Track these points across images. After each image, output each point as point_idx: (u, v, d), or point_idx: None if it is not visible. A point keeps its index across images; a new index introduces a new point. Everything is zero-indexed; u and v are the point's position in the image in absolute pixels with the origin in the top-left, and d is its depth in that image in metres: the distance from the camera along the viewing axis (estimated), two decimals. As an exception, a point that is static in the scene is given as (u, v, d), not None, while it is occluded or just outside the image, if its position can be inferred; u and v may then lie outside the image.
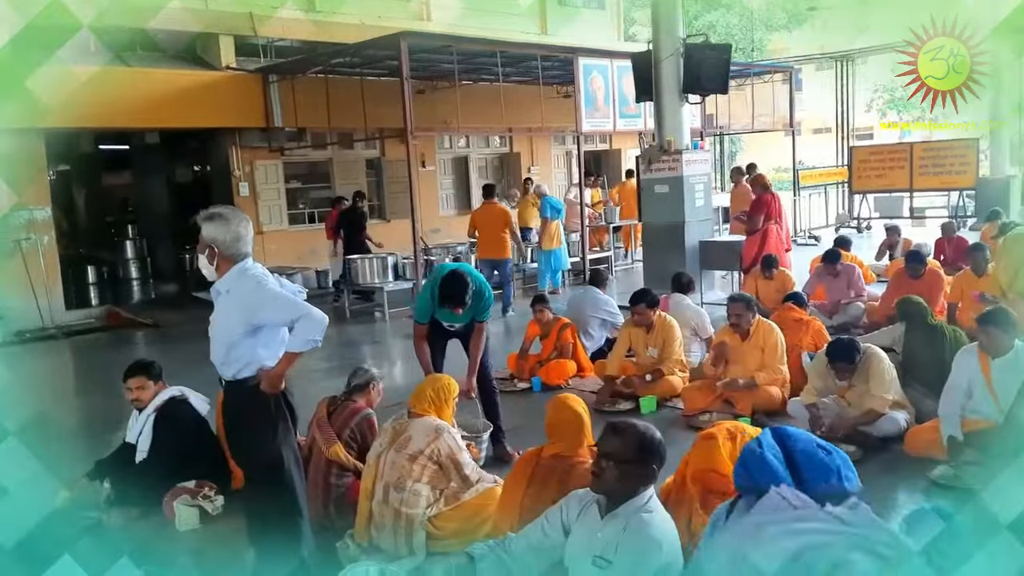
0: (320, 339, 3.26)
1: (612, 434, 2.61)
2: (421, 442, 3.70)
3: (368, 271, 10.76)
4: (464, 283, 4.68)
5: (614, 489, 2.59)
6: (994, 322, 4.28)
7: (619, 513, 2.58)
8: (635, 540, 2.51)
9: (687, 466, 2.95)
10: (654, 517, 2.58)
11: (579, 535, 2.67)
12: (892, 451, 4.69)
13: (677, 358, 6.08)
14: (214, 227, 3.21)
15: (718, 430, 2.97)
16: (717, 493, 2.87)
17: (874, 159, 17.72)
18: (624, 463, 2.56)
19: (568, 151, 17.52)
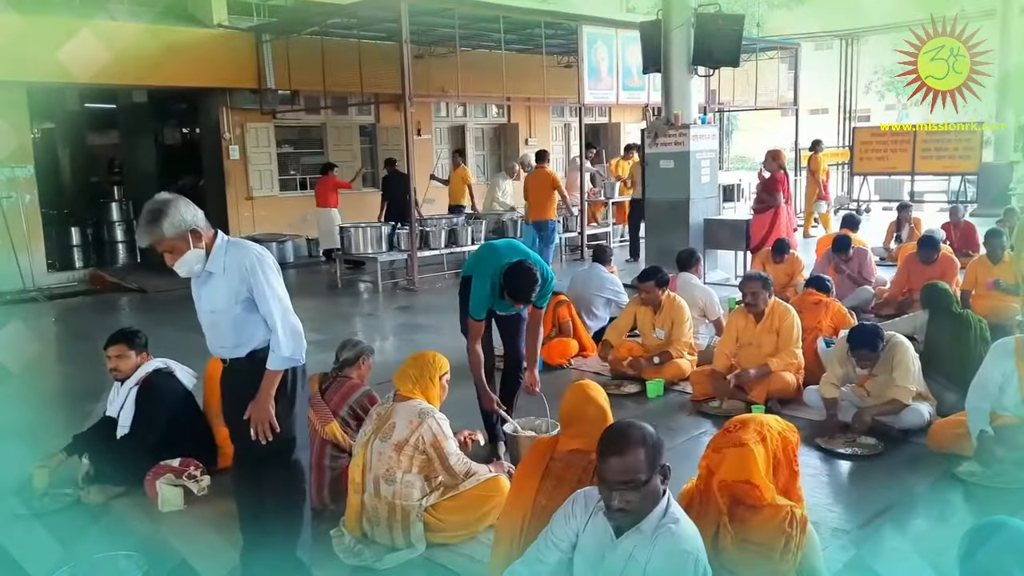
0: (301, 357, 3.04)
1: (620, 455, 2.20)
2: (404, 430, 3.40)
3: (361, 240, 10.46)
4: (533, 276, 4.17)
5: (643, 514, 2.26)
6: None
7: (643, 528, 2.26)
8: (669, 559, 2.20)
9: (711, 474, 2.67)
10: (681, 528, 2.27)
11: (590, 550, 2.36)
12: (915, 445, 4.48)
13: (686, 340, 5.85)
14: (174, 215, 2.87)
15: (747, 434, 2.68)
16: (747, 505, 2.61)
17: (876, 141, 17.47)
18: (644, 484, 2.21)
19: (567, 123, 17.17)
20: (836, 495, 4.05)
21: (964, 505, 3.85)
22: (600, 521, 2.35)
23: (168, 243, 2.90)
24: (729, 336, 5.48)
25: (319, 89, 12.34)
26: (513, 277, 4.19)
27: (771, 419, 2.86)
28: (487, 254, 4.55)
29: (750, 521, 2.55)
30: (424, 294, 10.04)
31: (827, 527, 3.59)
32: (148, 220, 2.87)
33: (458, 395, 4.08)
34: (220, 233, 3.04)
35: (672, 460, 3.47)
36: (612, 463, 2.20)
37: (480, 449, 3.96)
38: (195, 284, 3.08)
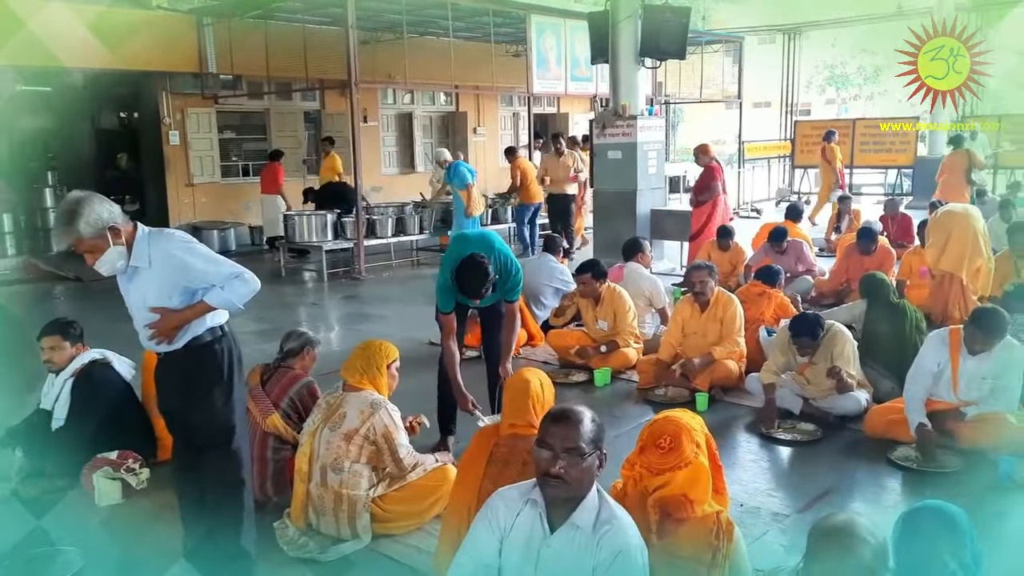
0: (243, 305, 2.97)
1: (565, 423, 2.20)
2: (355, 420, 3.36)
3: (306, 228, 10.30)
4: (482, 272, 4.06)
5: (578, 491, 2.19)
6: (982, 325, 4.13)
7: (578, 523, 2.18)
8: (618, 562, 2.13)
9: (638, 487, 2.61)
10: (622, 523, 2.20)
11: (520, 550, 2.25)
12: (852, 431, 4.61)
13: (631, 330, 5.90)
14: (89, 213, 2.76)
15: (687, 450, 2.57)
16: (675, 519, 2.56)
17: (816, 134, 17.82)
18: (585, 456, 2.17)
19: (516, 113, 17.15)
20: (776, 480, 4.15)
21: (899, 489, 3.97)
22: (529, 516, 2.27)
23: (87, 243, 2.80)
24: (675, 325, 5.56)
25: (262, 74, 12.09)
26: (462, 272, 4.11)
27: (687, 417, 2.76)
28: (456, 245, 4.50)
29: (677, 533, 2.52)
30: (371, 284, 9.95)
31: (767, 512, 3.67)
32: (63, 222, 2.77)
33: (410, 383, 4.04)
34: (139, 225, 2.95)
35: (618, 446, 3.51)
36: (557, 429, 2.20)
37: (427, 432, 3.94)
38: (122, 280, 2.99)
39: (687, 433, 2.66)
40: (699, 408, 4.95)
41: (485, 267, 4.09)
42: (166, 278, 2.90)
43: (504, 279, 4.31)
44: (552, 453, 2.18)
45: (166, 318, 2.91)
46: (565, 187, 11.26)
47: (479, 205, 10.28)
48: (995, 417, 4.12)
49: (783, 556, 3.24)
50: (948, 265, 6.16)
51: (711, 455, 2.67)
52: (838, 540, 1.92)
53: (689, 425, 2.71)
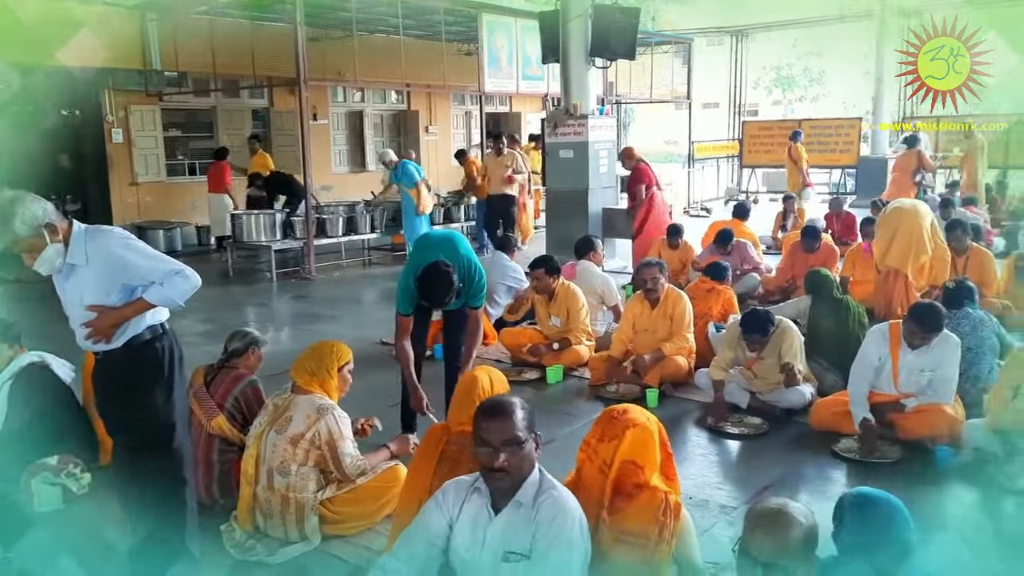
0: (183, 302, 2.92)
1: (499, 417, 2.28)
2: (301, 424, 3.31)
3: (253, 228, 10.13)
4: (447, 281, 3.97)
5: (521, 477, 2.31)
6: (919, 320, 4.25)
7: (520, 500, 2.31)
8: (554, 525, 2.26)
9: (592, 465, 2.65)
10: (561, 494, 2.34)
11: (467, 533, 2.36)
12: (798, 424, 4.71)
13: (583, 327, 5.94)
14: (24, 212, 2.69)
15: (637, 415, 2.69)
16: (624, 494, 2.60)
17: (764, 134, 18.23)
18: (524, 443, 2.29)
19: (468, 112, 17.12)
20: (724, 473, 4.21)
21: (843, 480, 4.06)
22: (475, 503, 2.38)
23: (25, 243, 2.73)
24: (626, 322, 5.60)
25: (209, 71, 11.85)
26: (426, 280, 4.03)
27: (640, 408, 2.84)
28: (420, 248, 4.46)
29: (627, 510, 2.55)
30: (321, 283, 9.83)
31: (715, 504, 3.73)
32: (3, 220, 2.68)
33: (362, 384, 4.00)
34: (75, 222, 2.88)
35: (570, 442, 3.52)
36: (491, 424, 2.28)
37: (379, 435, 3.91)
38: (58, 279, 2.91)
39: (636, 409, 2.75)
40: (649, 404, 4.99)
41: (450, 276, 4.01)
42: (104, 275, 2.83)
43: (468, 285, 4.25)
44: (492, 449, 2.27)
45: (103, 316, 2.84)
46: (503, 188, 10.85)
47: (429, 203, 10.23)
48: (933, 408, 4.25)
49: (731, 548, 3.28)
50: (893, 261, 6.32)
51: (662, 443, 2.71)
52: (771, 520, 2.00)
53: (639, 409, 2.78)
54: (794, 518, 2.00)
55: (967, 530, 3.51)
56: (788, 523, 1.99)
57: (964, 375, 4.53)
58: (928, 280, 6.46)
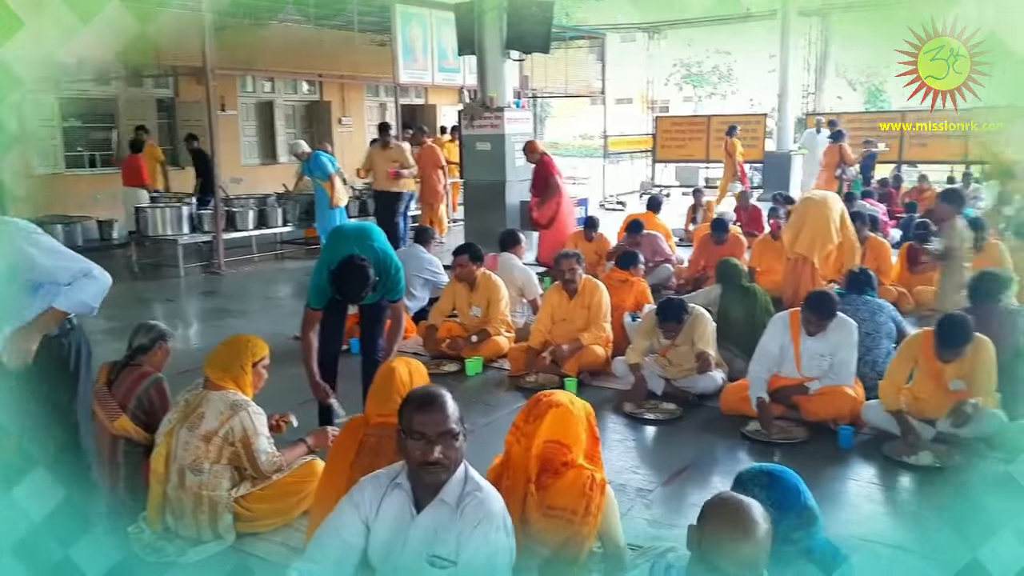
0: (97, 305, 2.82)
1: (434, 408, 2.19)
2: (213, 421, 3.21)
3: (159, 221, 9.75)
4: (362, 277, 3.88)
5: (455, 471, 2.23)
6: (813, 308, 4.45)
7: (444, 499, 2.22)
8: (479, 528, 2.17)
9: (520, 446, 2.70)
10: (486, 495, 2.25)
11: (387, 533, 2.27)
12: (710, 408, 4.85)
13: (502, 318, 5.96)
14: None
15: (561, 398, 2.77)
16: (552, 471, 2.67)
17: (676, 130, 18.67)
18: (459, 435, 2.20)
19: (382, 103, 16.90)
20: (641, 458, 4.31)
21: (751, 459, 4.20)
22: (396, 500, 2.28)
23: None
24: (545, 313, 5.65)
25: (109, 59, 11.32)
26: (340, 276, 3.94)
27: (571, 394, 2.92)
28: (333, 241, 4.35)
29: (554, 487, 2.62)
30: (232, 278, 9.55)
31: (633, 488, 3.80)
32: None
33: (278, 380, 3.90)
34: None
35: (490, 433, 3.52)
36: (426, 416, 2.17)
37: (295, 431, 3.82)
38: None
39: (563, 394, 2.82)
40: (568, 393, 5.05)
41: (365, 271, 3.93)
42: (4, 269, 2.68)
43: (384, 278, 4.17)
44: (427, 441, 2.17)
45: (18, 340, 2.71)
46: (389, 184, 10.10)
47: (343, 196, 10.03)
48: (835, 390, 4.45)
49: (648, 529, 3.38)
50: (802, 248, 6.57)
51: (590, 428, 2.77)
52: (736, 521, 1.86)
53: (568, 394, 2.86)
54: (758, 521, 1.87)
55: (867, 505, 3.69)
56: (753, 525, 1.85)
57: (863, 359, 4.76)
58: (835, 268, 6.75)
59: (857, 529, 3.37)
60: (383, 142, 10.14)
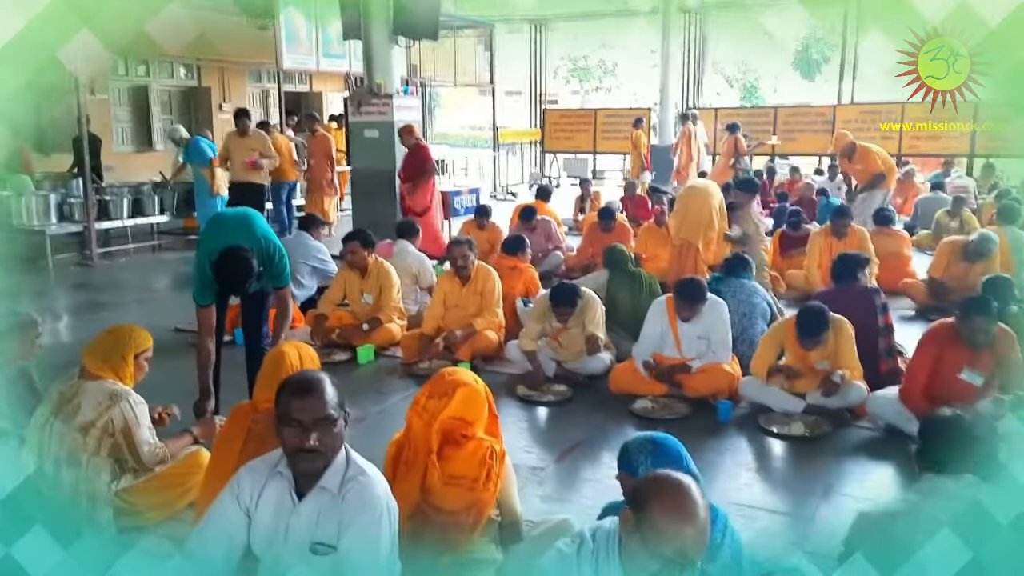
0: None
1: (311, 394, 2.14)
2: (91, 412, 3.07)
3: (24, 211, 9.13)
4: (245, 267, 3.78)
5: (333, 457, 2.18)
6: (681, 295, 4.71)
7: (325, 486, 2.16)
8: (362, 512, 2.13)
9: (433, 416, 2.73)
10: (370, 479, 2.19)
11: (268, 523, 2.20)
12: (599, 389, 4.99)
13: (394, 305, 5.92)
14: None
15: (466, 376, 2.81)
16: (453, 443, 2.72)
17: (564, 122, 19.01)
18: (336, 421, 2.16)
19: (265, 90, 16.37)
20: (534, 437, 4.40)
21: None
22: (276, 489, 2.22)
23: None
24: (437, 300, 5.65)
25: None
26: (222, 267, 3.82)
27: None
28: (212, 228, 4.20)
29: (455, 457, 2.68)
30: (105, 270, 9.07)
31: (526, 467, 3.88)
32: None
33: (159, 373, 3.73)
34: None
35: (383, 419, 3.51)
36: (303, 403, 2.12)
37: (177, 424, 3.68)
38: None
39: (465, 372, 2.87)
40: (461, 378, 5.08)
41: (248, 261, 3.81)
42: None
43: (268, 267, 4.06)
44: (303, 428, 2.12)
45: None
46: (247, 175, 9.35)
47: (224, 184, 9.68)
48: (714, 368, 4.68)
49: (541, 505, 3.46)
50: (686, 234, 6.84)
51: (489, 405, 2.82)
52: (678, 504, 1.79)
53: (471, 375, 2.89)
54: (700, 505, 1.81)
55: (744, 473, 3.90)
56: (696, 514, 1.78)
57: (740, 339, 5.04)
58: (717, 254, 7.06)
59: (736, 495, 3.57)
60: (240, 129, 9.40)
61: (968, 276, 6.36)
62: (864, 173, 9.10)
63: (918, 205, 10.61)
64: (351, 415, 2.31)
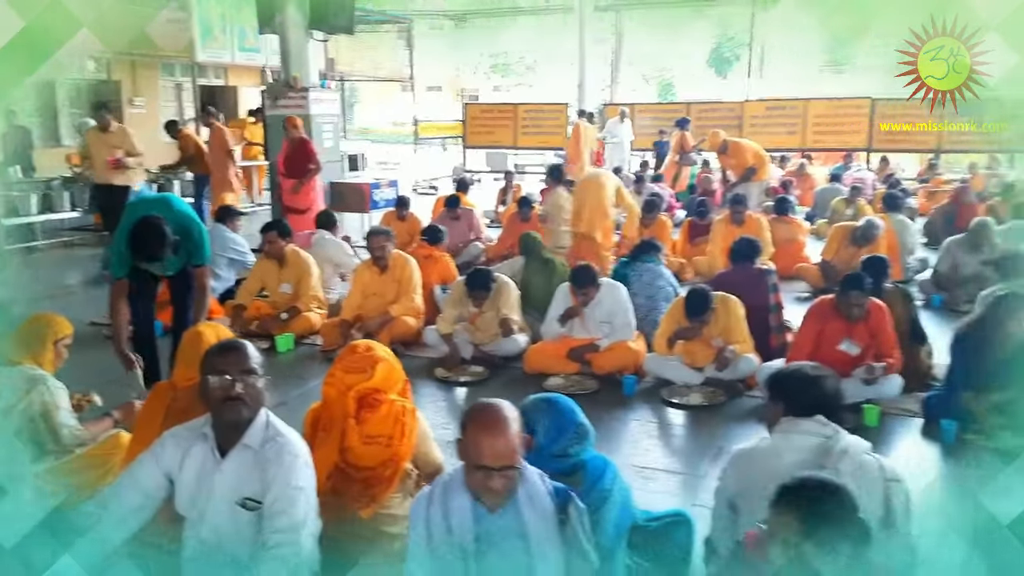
0: None
1: (235, 351, 2.34)
2: (11, 396, 3.14)
3: (-77, 207, 8.81)
4: (157, 233, 3.93)
5: (255, 411, 2.33)
6: (573, 281, 5.02)
7: (248, 443, 2.31)
8: (283, 470, 2.27)
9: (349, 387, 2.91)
10: (288, 439, 2.35)
11: (192, 483, 2.33)
12: (515, 369, 5.22)
13: (313, 294, 6.01)
14: None
15: (380, 352, 3.01)
16: (369, 405, 2.91)
17: (485, 116, 19.18)
18: (259, 375, 2.33)
19: (179, 84, 16.04)
20: (450, 414, 4.60)
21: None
22: (200, 450, 2.35)
23: None
24: (356, 288, 5.78)
25: None
26: (136, 234, 3.98)
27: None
28: (132, 209, 4.33)
29: (371, 419, 2.87)
30: (13, 268, 8.80)
31: (443, 441, 4.02)
32: None
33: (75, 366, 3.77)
34: None
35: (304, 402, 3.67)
36: (229, 357, 2.31)
37: (96, 410, 3.73)
38: None
39: (381, 347, 3.07)
40: (381, 363, 5.23)
41: (160, 227, 3.97)
42: None
43: (186, 238, 4.19)
44: (230, 378, 2.28)
45: None
46: (110, 175, 8.23)
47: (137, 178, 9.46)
48: (620, 345, 4.97)
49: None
50: (585, 227, 7.13)
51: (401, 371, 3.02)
52: (488, 420, 2.10)
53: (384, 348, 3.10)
54: (509, 419, 2.09)
55: (646, 440, 4.19)
56: (506, 427, 2.07)
57: (645, 319, 5.36)
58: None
59: (639, 460, 3.86)
60: (101, 125, 8.29)
61: (855, 259, 6.79)
62: (738, 167, 9.72)
63: (817, 195, 11.22)
64: (272, 401, 2.46)
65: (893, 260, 6.13)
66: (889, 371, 4.34)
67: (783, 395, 2.48)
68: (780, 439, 2.43)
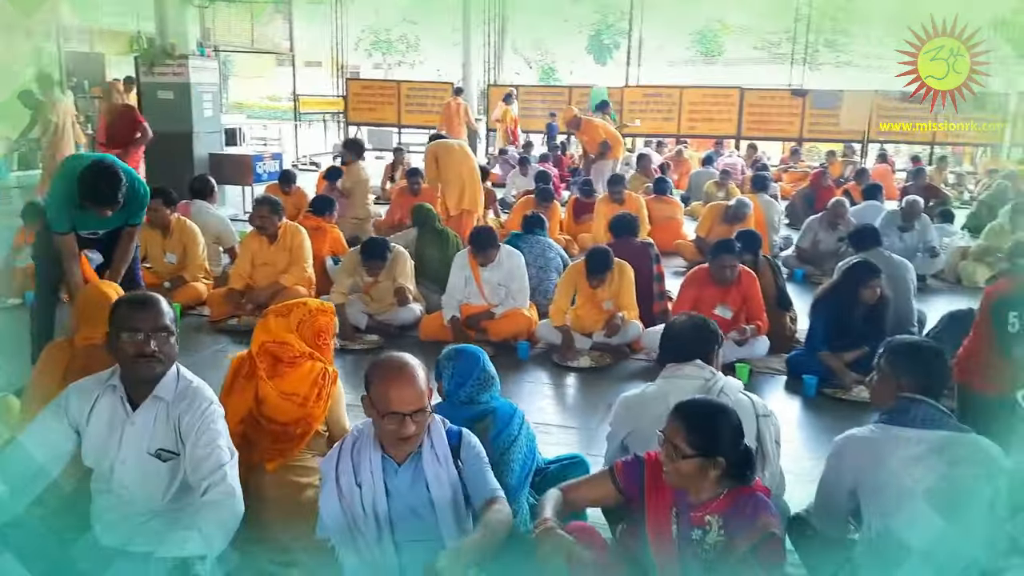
0: None
1: (149, 306, 2.30)
2: None
3: None
4: (113, 177, 3.73)
5: (168, 366, 2.32)
6: (472, 243, 5.17)
7: (159, 395, 2.31)
8: (198, 416, 2.29)
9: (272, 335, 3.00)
10: (199, 385, 2.37)
11: (103, 436, 2.31)
12: (410, 337, 5.31)
13: (200, 264, 5.88)
14: None
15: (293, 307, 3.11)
16: (286, 362, 2.97)
17: (367, 93, 18.92)
18: (173, 333, 2.32)
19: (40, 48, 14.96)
20: (346, 380, 4.50)
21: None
22: (108, 402, 2.33)
23: None
24: (244, 258, 5.69)
25: None
26: (89, 178, 3.74)
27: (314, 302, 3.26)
28: (73, 159, 4.18)
29: (289, 376, 2.92)
30: None
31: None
32: None
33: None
34: None
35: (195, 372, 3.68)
36: (143, 314, 2.28)
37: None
38: None
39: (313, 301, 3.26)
40: (273, 332, 5.20)
41: (116, 171, 3.78)
42: None
43: (133, 195, 3.99)
44: (144, 334, 2.26)
45: None
46: None
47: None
48: (514, 313, 5.16)
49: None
50: (468, 203, 7.27)
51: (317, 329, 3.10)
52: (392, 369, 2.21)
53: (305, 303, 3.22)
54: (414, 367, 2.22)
55: (540, 400, 4.41)
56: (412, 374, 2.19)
57: (537, 289, 5.60)
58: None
59: (535, 416, 4.03)
60: None
61: (728, 236, 7.29)
62: (591, 143, 10.21)
63: (692, 178, 11.81)
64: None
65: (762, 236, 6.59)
66: (758, 333, 4.74)
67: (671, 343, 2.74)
68: (665, 383, 2.67)
